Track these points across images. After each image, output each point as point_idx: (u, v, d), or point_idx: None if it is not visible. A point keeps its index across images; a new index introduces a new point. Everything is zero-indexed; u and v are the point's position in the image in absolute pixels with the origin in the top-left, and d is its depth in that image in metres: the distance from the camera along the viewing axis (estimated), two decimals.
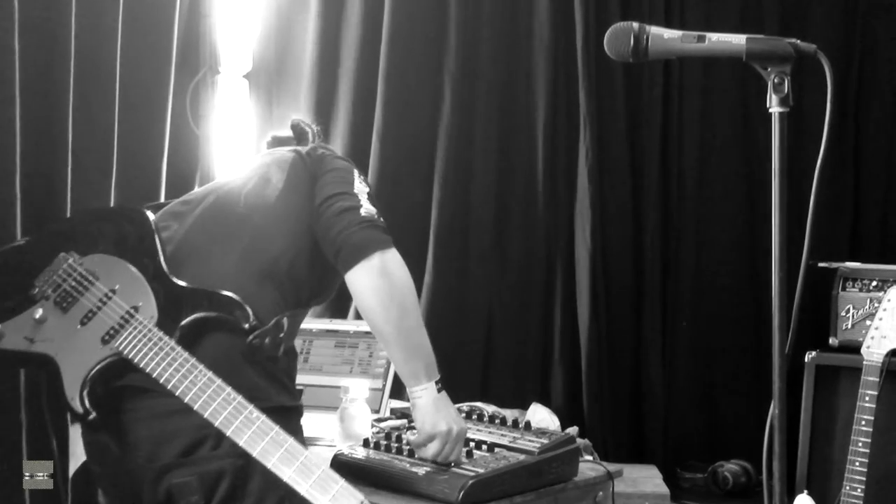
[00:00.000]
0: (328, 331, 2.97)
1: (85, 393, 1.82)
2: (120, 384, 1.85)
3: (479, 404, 2.83)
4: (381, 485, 2.10)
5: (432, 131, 3.52)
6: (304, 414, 2.01)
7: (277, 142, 2.35)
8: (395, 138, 3.47)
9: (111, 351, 1.84)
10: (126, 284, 1.91)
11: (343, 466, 2.20)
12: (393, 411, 2.70)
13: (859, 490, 2.61)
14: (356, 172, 2.11)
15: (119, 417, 1.86)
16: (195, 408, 1.75)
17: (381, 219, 2.01)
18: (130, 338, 1.84)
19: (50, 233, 2.08)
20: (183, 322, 1.86)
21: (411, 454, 2.13)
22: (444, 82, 3.51)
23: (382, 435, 2.31)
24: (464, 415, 2.42)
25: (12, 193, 2.22)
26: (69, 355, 1.86)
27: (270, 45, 3.57)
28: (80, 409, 1.81)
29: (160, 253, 1.95)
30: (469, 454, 2.12)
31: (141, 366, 1.80)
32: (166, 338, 1.82)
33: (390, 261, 1.95)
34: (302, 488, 1.68)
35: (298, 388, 2.13)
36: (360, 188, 2.06)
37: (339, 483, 1.69)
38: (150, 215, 2.03)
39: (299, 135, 2.35)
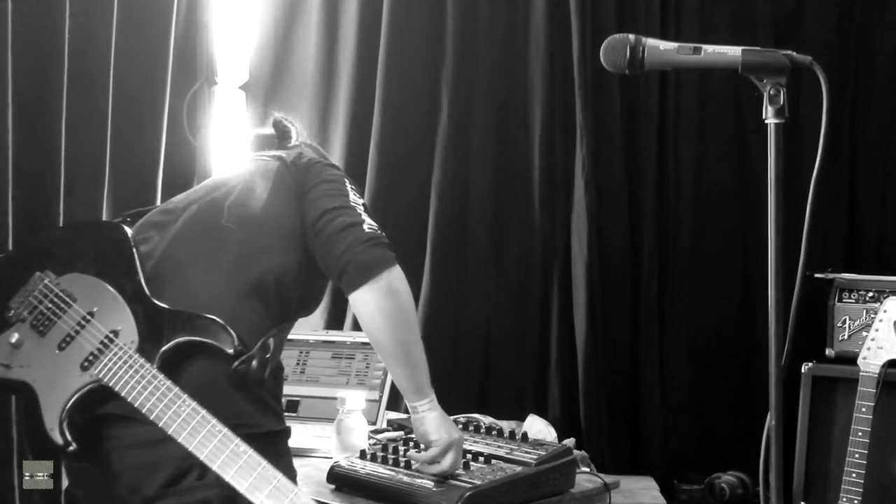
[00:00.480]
0: (325, 342, 2.97)
1: (65, 424, 1.75)
2: (101, 412, 1.79)
3: (476, 416, 2.83)
4: (379, 497, 2.10)
5: (429, 142, 3.52)
6: (302, 425, 2.01)
7: (261, 141, 2.28)
8: (393, 149, 3.47)
9: (91, 378, 1.78)
10: (105, 307, 1.84)
11: (340, 479, 2.20)
12: (390, 423, 2.70)
13: (856, 501, 2.61)
14: (347, 182, 2.06)
15: (101, 446, 1.81)
16: (179, 440, 1.69)
17: (383, 233, 1.97)
18: (111, 364, 1.77)
19: (24, 250, 2.02)
20: (164, 347, 1.78)
21: (408, 466, 2.13)
22: (442, 93, 3.51)
23: (379, 447, 2.31)
24: (461, 426, 2.42)
25: (4, 204, 2.21)
26: (47, 382, 1.79)
27: (267, 55, 3.59)
28: (59, 441, 1.75)
29: (139, 272, 1.87)
30: (466, 466, 2.12)
31: (122, 394, 1.74)
32: (147, 364, 1.75)
33: (396, 279, 1.91)
34: None
35: (295, 399, 2.13)
36: (356, 199, 2.01)
37: None
38: (128, 231, 1.95)
39: (282, 133, 2.27)
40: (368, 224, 1.95)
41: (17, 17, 2.22)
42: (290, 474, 1.89)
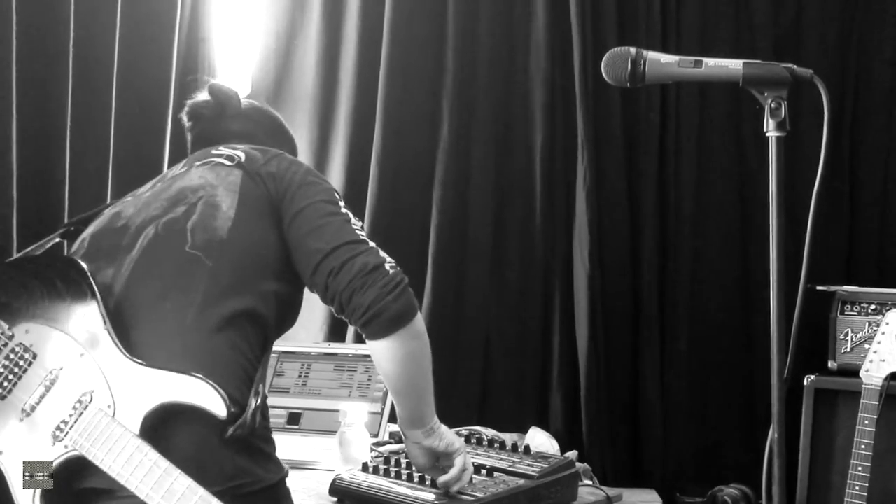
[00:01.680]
0: (326, 354, 2.97)
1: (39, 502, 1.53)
2: (82, 487, 1.59)
3: (478, 428, 2.83)
4: None
5: (430, 154, 3.53)
6: (303, 438, 1.98)
7: (194, 113, 2.06)
8: (394, 160, 3.48)
9: (65, 450, 1.55)
10: (71, 364, 1.59)
11: (341, 491, 2.20)
12: (392, 435, 2.69)
13: None
14: (338, 197, 1.85)
15: None
16: None
17: (398, 266, 1.79)
18: (86, 434, 1.54)
19: None
20: (146, 412, 1.55)
21: (410, 478, 2.13)
22: (443, 105, 3.52)
23: (381, 459, 2.31)
24: (463, 439, 2.42)
25: (9, 208, 2.19)
26: (16, 455, 1.55)
27: (269, 67, 3.60)
28: None
29: (106, 321, 1.62)
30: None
31: (104, 469, 1.52)
32: (129, 433, 1.52)
33: (419, 323, 1.80)
34: None
35: (297, 411, 2.07)
36: (356, 223, 1.82)
37: None
38: (85, 268, 1.68)
39: (220, 99, 2.03)
40: (389, 264, 1.76)
41: (21, 24, 2.23)
42: None
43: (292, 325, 1.94)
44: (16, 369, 1.60)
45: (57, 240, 1.92)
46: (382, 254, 1.78)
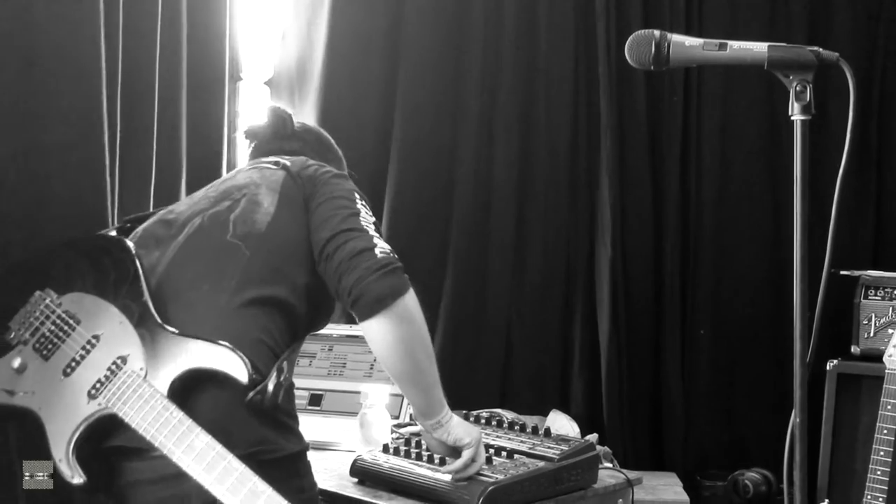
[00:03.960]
0: (348, 336, 2.97)
1: (72, 455, 1.65)
2: (112, 444, 1.69)
3: (498, 411, 2.84)
4: (400, 491, 2.10)
5: (452, 140, 3.53)
6: (325, 419, 1.99)
7: (255, 133, 2.17)
8: (415, 147, 3.48)
9: (98, 407, 1.67)
10: (111, 330, 1.72)
11: (362, 472, 2.21)
12: (412, 417, 2.70)
13: (881, 499, 2.60)
14: (357, 197, 1.92)
15: (118, 482, 1.71)
16: (194, 476, 1.57)
17: (395, 255, 1.83)
18: (119, 393, 1.66)
19: (21, 268, 1.89)
20: (175, 376, 1.67)
21: (430, 460, 2.13)
22: (466, 92, 3.51)
23: (402, 441, 2.32)
24: (483, 421, 2.43)
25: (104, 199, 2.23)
26: (54, 410, 1.68)
27: (291, 51, 3.59)
28: (67, 472, 1.64)
29: (146, 293, 1.75)
30: (489, 460, 2.12)
31: (132, 426, 1.63)
32: (158, 394, 1.64)
33: (410, 305, 1.80)
34: None
35: (318, 393, 2.09)
36: (367, 218, 1.87)
37: None
38: (132, 247, 1.84)
39: (277, 122, 2.15)
40: (381, 248, 1.80)
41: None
42: (312, 493, 1.87)
43: (324, 323, 2.02)
44: (60, 333, 1.73)
45: (113, 233, 2.04)
46: (378, 240, 1.82)
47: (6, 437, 1.82)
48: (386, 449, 2.26)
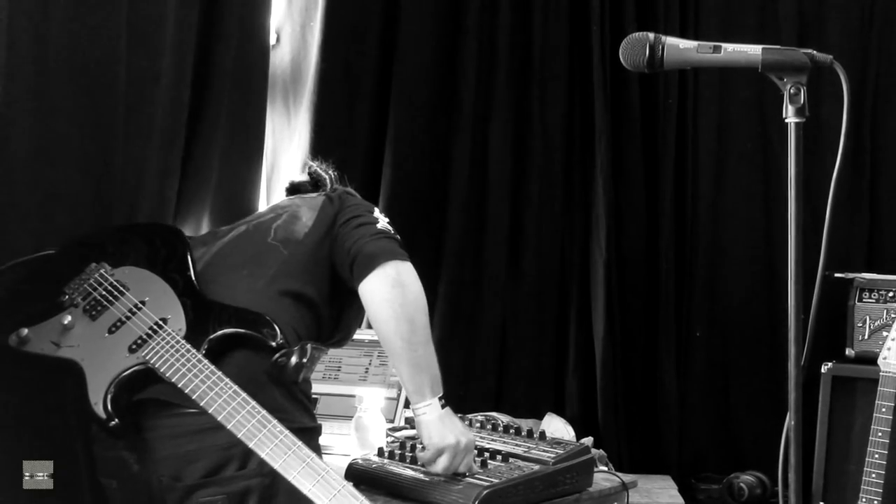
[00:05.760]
0: None
1: (109, 399, 1.80)
2: (144, 397, 1.84)
3: (494, 414, 2.83)
4: (396, 494, 2.10)
5: (448, 140, 3.52)
6: (320, 422, 2.02)
7: (294, 188, 2.38)
8: (410, 145, 3.47)
9: (138, 360, 1.83)
10: (156, 297, 1.92)
11: (357, 475, 2.21)
12: (408, 420, 2.70)
13: (876, 502, 2.60)
14: (376, 210, 2.14)
15: (141, 435, 1.85)
16: (219, 419, 1.74)
17: (398, 236, 2.03)
18: (158, 348, 1.83)
19: (81, 243, 2.08)
20: (211, 336, 1.86)
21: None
22: (461, 92, 3.51)
23: (397, 444, 2.31)
24: (479, 424, 2.42)
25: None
26: (95, 362, 1.85)
27: (285, 52, 3.58)
28: (102, 415, 1.80)
29: (191, 269, 1.98)
30: (483, 464, 2.12)
31: (167, 376, 1.80)
32: (193, 350, 1.82)
33: (405, 272, 1.96)
34: (322, 503, 1.67)
35: (314, 397, 2.14)
36: (381, 217, 2.09)
37: (359, 500, 1.69)
38: (184, 232, 2.08)
39: (316, 181, 2.36)
40: (382, 224, 2.03)
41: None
42: None
43: (345, 340, 2.24)
44: (110, 298, 1.92)
45: None
46: (382, 221, 2.05)
47: (64, 397, 1.95)
48: (381, 452, 2.26)
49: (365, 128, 3.46)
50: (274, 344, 1.86)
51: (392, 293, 1.93)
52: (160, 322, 1.87)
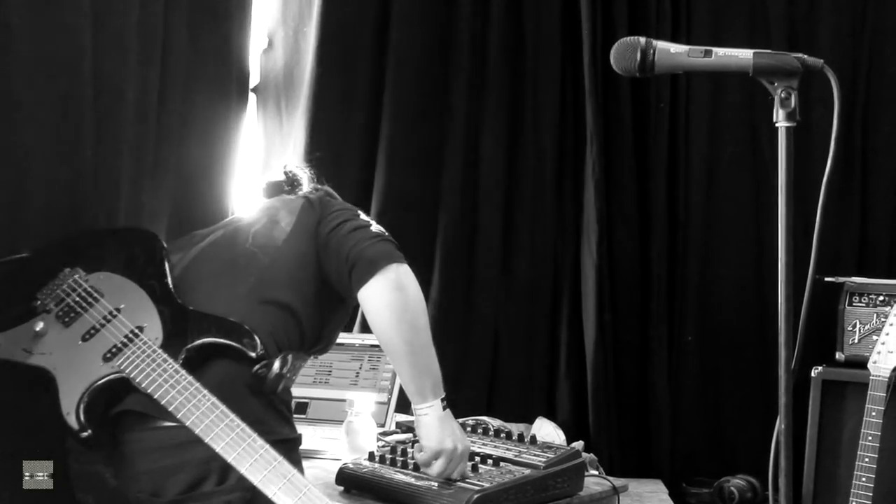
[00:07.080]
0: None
1: (82, 408, 1.75)
2: (120, 409, 1.80)
3: (484, 418, 2.83)
4: (386, 498, 2.10)
5: (440, 146, 3.52)
6: (311, 427, 2.03)
7: (271, 188, 2.32)
8: (402, 152, 3.46)
9: (112, 369, 1.79)
10: (132, 304, 1.88)
11: (348, 480, 2.21)
12: (398, 425, 2.70)
13: None
14: (360, 213, 2.11)
15: (119, 449, 1.81)
16: (196, 431, 1.70)
17: (387, 233, 2.02)
18: (133, 357, 1.79)
19: (55, 247, 2.03)
20: (188, 346, 1.81)
21: (417, 468, 2.13)
22: (452, 98, 3.50)
23: (388, 449, 2.31)
24: (469, 429, 2.42)
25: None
26: (68, 370, 1.80)
27: (278, 58, 3.58)
28: (75, 425, 1.75)
29: (168, 276, 1.93)
30: (474, 468, 2.12)
31: (142, 386, 1.76)
32: (170, 360, 1.78)
33: (405, 275, 1.94)
34: None
35: (304, 401, 2.15)
36: (367, 218, 2.07)
37: None
38: (160, 236, 2.02)
39: (291, 181, 2.31)
40: (376, 227, 2.01)
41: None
42: None
43: (326, 348, 2.18)
44: (83, 304, 1.87)
45: None
46: (374, 225, 2.02)
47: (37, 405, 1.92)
48: (372, 457, 2.26)
49: (358, 133, 3.46)
50: (254, 355, 1.82)
51: (393, 297, 1.92)
52: (136, 330, 1.83)
